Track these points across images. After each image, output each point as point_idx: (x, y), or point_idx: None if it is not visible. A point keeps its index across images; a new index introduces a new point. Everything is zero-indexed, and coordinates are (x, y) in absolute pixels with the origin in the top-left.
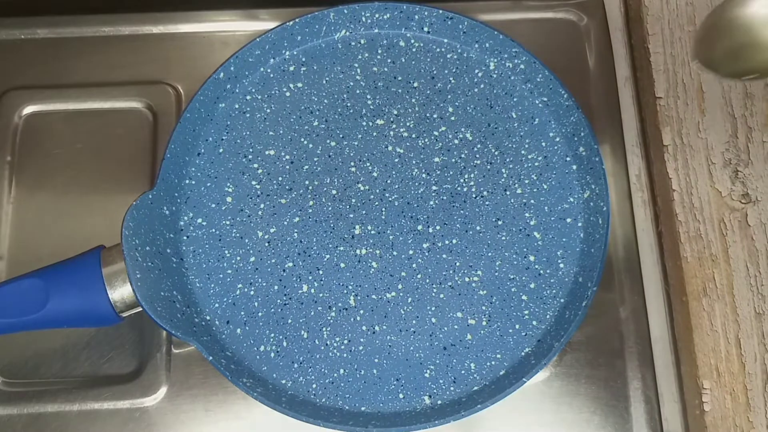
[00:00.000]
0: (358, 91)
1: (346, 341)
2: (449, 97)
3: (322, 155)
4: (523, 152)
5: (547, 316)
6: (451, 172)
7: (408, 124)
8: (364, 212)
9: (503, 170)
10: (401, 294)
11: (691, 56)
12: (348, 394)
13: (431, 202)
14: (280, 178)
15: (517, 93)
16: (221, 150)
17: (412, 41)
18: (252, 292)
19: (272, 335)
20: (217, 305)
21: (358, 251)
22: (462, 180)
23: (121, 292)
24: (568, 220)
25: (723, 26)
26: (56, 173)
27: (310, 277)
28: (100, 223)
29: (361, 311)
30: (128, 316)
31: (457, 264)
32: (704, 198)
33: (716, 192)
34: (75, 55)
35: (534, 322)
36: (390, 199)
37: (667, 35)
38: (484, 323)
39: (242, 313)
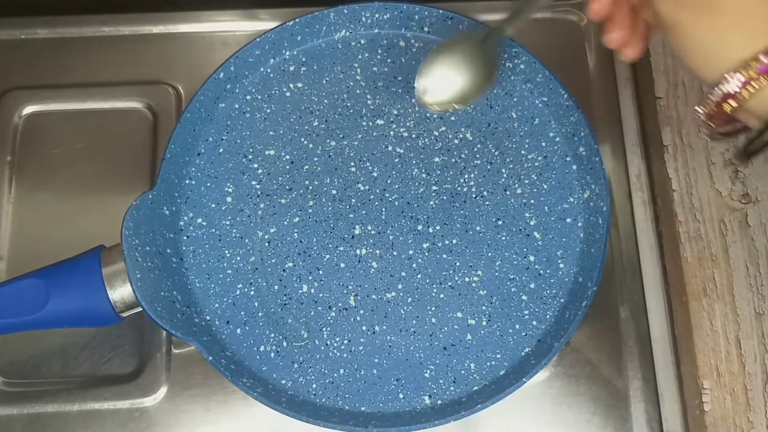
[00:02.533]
0: (358, 91)
1: (346, 341)
2: None
3: (322, 155)
4: (523, 152)
5: (547, 316)
6: (451, 172)
7: (408, 124)
8: (364, 212)
9: (503, 170)
10: (401, 294)
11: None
12: (348, 394)
13: (431, 202)
14: (280, 178)
15: (517, 93)
16: (221, 150)
17: (412, 41)
18: (252, 292)
19: (272, 335)
20: (217, 305)
21: (358, 251)
22: (462, 180)
23: (121, 292)
24: (568, 220)
25: (424, 70)
26: (56, 173)
27: (310, 277)
28: (100, 223)
29: (361, 311)
30: (128, 316)
31: (457, 264)
32: (704, 198)
33: (716, 192)
34: (75, 55)
35: (534, 322)
36: (390, 199)
37: None
38: (484, 323)
39: (242, 313)
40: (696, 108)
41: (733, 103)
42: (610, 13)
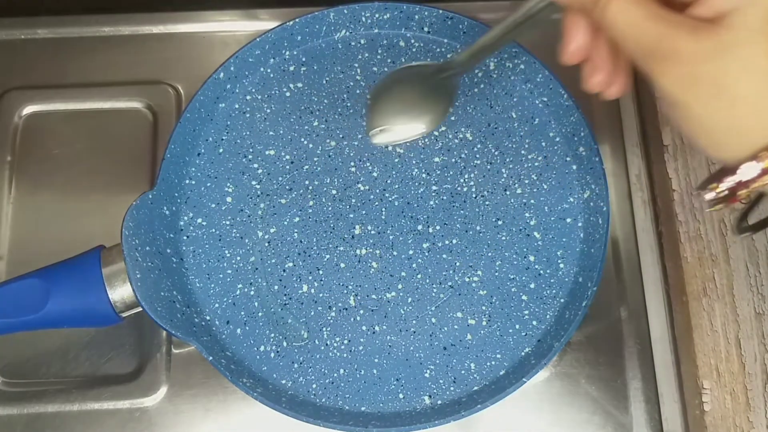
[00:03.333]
0: (358, 91)
1: (346, 341)
2: None
3: (322, 155)
4: (523, 152)
5: (547, 316)
6: (451, 172)
7: None
8: (364, 212)
9: (503, 170)
10: (401, 294)
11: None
12: (348, 394)
13: (431, 202)
14: (280, 178)
15: (517, 93)
16: (221, 150)
17: (412, 41)
18: (252, 292)
19: (272, 335)
20: (217, 305)
21: (358, 251)
22: (462, 180)
23: (121, 292)
24: (568, 220)
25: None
26: (56, 173)
27: (310, 277)
28: (100, 223)
29: (361, 311)
30: (128, 316)
31: (457, 264)
32: (704, 198)
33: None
34: (75, 55)
35: (534, 322)
36: (390, 199)
37: None
38: (484, 323)
39: (242, 313)
40: (700, 192)
41: (747, 191)
42: (588, 55)
